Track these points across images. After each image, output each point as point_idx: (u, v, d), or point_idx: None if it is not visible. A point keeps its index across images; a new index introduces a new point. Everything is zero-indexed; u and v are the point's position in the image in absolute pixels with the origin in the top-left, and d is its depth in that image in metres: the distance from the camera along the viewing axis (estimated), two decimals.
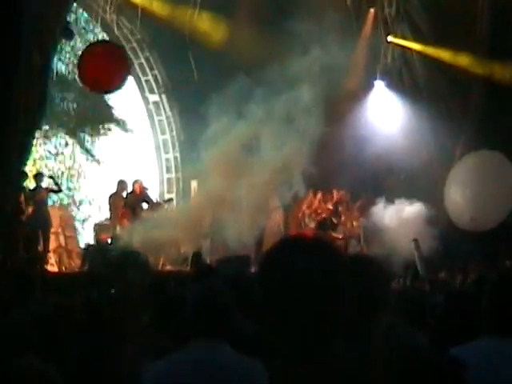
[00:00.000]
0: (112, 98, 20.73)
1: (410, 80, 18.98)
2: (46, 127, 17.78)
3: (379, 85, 19.50)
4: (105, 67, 11.18)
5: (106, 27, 20.37)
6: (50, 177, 16.19)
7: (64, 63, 19.36)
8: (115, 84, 11.85)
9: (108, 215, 17.61)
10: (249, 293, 4.14)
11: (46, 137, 19.04)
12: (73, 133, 20.12)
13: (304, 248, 2.06)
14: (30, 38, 6.61)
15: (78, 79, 12.01)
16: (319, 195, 17.61)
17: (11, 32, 6.39)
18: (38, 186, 15.32)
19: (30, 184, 15.29)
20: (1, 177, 6.80)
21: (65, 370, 3.73)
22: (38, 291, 6.35)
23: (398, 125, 18.55)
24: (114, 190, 17.60)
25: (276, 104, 16.41)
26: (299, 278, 1.98)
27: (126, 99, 21.39)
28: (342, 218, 17.45)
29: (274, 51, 16.53)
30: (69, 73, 19.64)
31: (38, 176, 15.58)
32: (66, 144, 20.04)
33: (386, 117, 18.96)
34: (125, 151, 20.89)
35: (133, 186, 17.40)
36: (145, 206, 17.31)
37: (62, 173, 19.67)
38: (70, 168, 20.00)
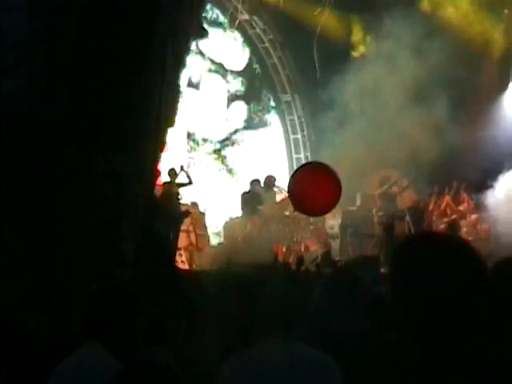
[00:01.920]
0: None
1: None
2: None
3: None
4: (314, 194, 11.30)
5: (239, 26, 20.63)
6: (182, 168, 16.21)
7: None
8: (323, 211, 11.99)
9: (239, 213, 17.81)
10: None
11: None
12: None
13: (441, 252, 2.02)
14: (165, 39, 6.75)
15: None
16: (448, 196, 17.27)
17: (147, 33, 6.54)
18: (171, 181, 15.62)
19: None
20: (135, 176, 6.97)
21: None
22: (170, 289, 6.47)
23: None
24: (246, 188, 17.79)
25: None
26: (436, 287, 1.94)
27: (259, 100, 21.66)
28: (468, 220, 17.03)
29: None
30: None
31: (172, 171, 15.86)
32: None
33: None
34: (256, 151, 21.08)
35: (265, 181, 17.55)
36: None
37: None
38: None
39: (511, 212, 15.29)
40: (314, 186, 11.12)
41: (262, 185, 17.62)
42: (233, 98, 21.08)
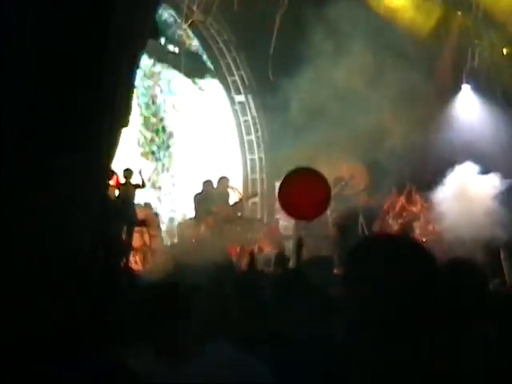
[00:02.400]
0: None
1: (499, 84, 18.61)
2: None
3: (466, 88, 19.23)
4: (304, 197, 11.40)
5: (193, 27, 20.60)
6: (140, 173, 16.15)
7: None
8: (313, 214, 12.05)
9: (193, 214, 17.81)
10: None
11: None
12: None
13: (391, 252, 2.05)
14: (119, 39, 6.73)
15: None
16: (403, 197, 17.40)
17: (99, 34, 6.52)
18: (126, 182, 15.56)
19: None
20: (89, 175, 6.94)
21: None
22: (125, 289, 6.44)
23: (484, 130, 18.12)
24: (199, 189, 17.77)
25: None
26: (385, 286, 1.96)
27: (212, 99, 21.62)
28: (421, 220, 17.19)
29: None
30: None
31: (127, 172, 15.78)
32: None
33: (471, 121, 18.61)
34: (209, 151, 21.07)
35: (218, 183, 17.59)
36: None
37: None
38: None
39: (460, 208, 15.40)
40: (305, 191, 11.23)
41: (216, 186, 17.65)
42: None
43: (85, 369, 2.99)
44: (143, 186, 16.23)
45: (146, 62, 18.87)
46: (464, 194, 15.24)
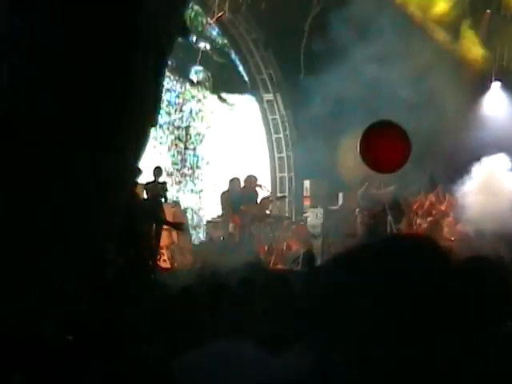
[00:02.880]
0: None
1: None
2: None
3: (495, 86, 19.08)
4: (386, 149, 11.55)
5: (221, 26, 20.65)
6: (163, 183, 16.02)
7: None
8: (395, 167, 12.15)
9: (220, 213, 17.85)
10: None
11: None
12: None
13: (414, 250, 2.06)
14: (147, 37, 6.76)
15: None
16: (432, 195, 17.32)
17: (128, 31, 6.54)
18: (154, 181, 15.56)
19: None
20: (116, 175, 6.98)
21: None
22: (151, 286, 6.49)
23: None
24: (225, 187, 17.81)
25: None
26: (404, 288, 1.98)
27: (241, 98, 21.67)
28: (450, 219, 17.09)
29: None
30: None
31: (156, 170, 15.84)
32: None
33: (501, 119, 18.44)
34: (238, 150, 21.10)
35: (245, 182, 17.61)
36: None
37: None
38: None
39: (485, 201, 15.29)
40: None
41: (243, 184, 17.67)
42: None
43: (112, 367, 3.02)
44: (165, 199, 16.01)
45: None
46: (490, 186, 15.18)
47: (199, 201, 20.13)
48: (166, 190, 15.73)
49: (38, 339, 4.33)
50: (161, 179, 15.80)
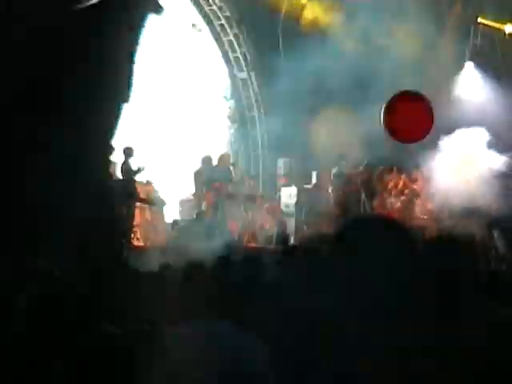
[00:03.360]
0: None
1: (503, 62, 18.53)
2: None
3: (469, 66, 19.13)
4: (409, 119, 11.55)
5: (195, 3, 20.53)
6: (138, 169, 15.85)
7: None
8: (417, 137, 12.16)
9: (193, 191, 17.81)
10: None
11: None
12: None
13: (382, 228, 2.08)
14: (120, 13, 6.72)
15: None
16: (404, 175, 17.36)
17: (100, 8, 6.51)
18: (125, 161, 15.48)
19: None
20: (89, 150, 6.94)
21: None
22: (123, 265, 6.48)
23: (487, 108, 17.97)
24: (198, 166, 17.76)
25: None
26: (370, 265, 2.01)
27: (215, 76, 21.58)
28: (422, 198, 17.18)
29: None
30: None
31: (127, 150, 15.78)
32: None
33: (475, 99, 18.50)
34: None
35: (219, 159, 17.58)
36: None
37: None
38: None
39: (457, 176, 15.40)
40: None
41: (217, 162, 17.65)
42: None
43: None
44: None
45: None
46: (464, 161, 15.31)
47: (172, 178, 20.05)
48: (139, 169, 15.61)
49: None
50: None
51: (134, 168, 15.50)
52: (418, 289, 2.15)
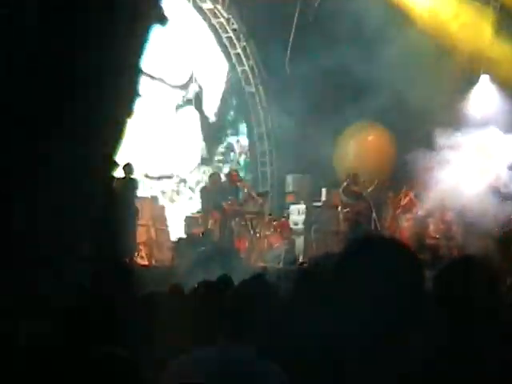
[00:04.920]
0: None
1: None
2: None
3: (484, 79, 18.96)
4: None
5: (202, 15, 20.55)
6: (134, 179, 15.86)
7: None
8: None
9: (200, 208, 17.75)
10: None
11: None
12: None
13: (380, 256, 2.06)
14: (126, 24, 6.68)
15: None
16: (412, 193, 17.24)
17: (104, 18, 6.46)
18: (125, 177, 15.32)
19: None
20: (88, 168, 6.90)
21: None
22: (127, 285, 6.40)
23: (501, 122, 17.68)
24: (205, 182, 17.73)
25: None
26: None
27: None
28: (436, 216, 17.07)
29: None
30: None
31: (127, 167, 15.61)
32: None
33: (489, 115, 18.18)
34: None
35: (227, 176, 17.52)
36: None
37: None
38: None
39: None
40: None
41: (224, 178, 17.60)
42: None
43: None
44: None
45: None
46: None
47: (179, 196, 20.04)
48: (137, 186, 15.58)
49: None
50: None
51: (136, 184, 15.48)
52: (426, 316, 2.12)
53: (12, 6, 5.93)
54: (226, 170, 19.35)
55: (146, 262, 15.64)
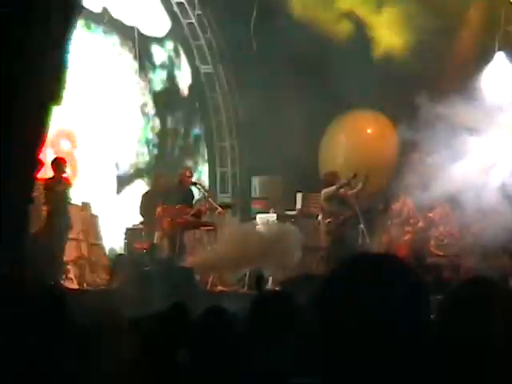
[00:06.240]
0: None
1: None
2: None
3: (499, 57, 19.24)
4: None
5: None
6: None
7: None
8: None
9: (142, 218, 17.70)
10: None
11: None
12: None
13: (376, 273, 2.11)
14: (47, 12, 6.81)
15: None
16: (410, 201, 17.29)
17: (27, 7, 6.65)
18: (55, 176, 15.01)
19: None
20: (10, 164, 6.96)
21: None
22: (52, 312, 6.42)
23: None
24: (148, 186, 17.71)
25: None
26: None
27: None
28: (439, 229, 17.24)
29: None
30: None
31: (56, 163, 15.25)
32: None
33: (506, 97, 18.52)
34: None
35: (179, 176, 17.28)
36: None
37: None
38: None
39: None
40: None
41: (176, 181, 17.51)
42: None
43: None
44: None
45: None
46: None
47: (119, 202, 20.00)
48: (69, 187, 15.25)
49: None
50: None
51: (66, 187, 15.15)
52: (429, 359, 2.19)
53: None
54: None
55: (76, 286, 15.59)
